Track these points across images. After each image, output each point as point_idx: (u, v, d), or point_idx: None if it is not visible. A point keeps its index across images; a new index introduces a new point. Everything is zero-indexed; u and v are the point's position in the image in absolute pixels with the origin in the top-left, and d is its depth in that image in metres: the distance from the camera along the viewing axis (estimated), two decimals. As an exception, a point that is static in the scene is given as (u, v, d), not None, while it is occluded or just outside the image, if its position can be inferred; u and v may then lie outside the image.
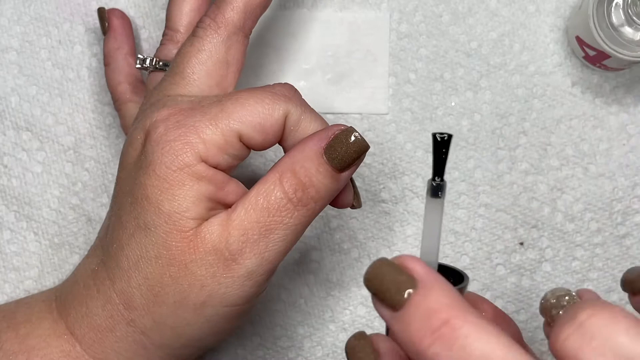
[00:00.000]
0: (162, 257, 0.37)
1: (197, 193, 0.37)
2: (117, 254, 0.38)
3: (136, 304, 0.38)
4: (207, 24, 0.40)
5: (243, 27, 0.40)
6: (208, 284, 0.37)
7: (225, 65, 0.40)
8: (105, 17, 0.49)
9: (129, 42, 0.49)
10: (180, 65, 0.40)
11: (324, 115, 0.51)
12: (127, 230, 0.38)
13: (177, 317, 0.38)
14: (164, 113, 0.38)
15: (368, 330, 0.50)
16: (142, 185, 0.37)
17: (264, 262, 0.37)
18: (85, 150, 0.51)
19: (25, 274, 0.50)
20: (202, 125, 0.37)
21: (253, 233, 0.37)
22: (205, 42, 0.40)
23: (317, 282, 0.50)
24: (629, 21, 0.46)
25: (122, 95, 0.47)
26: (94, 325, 0.39)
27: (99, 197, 0.51)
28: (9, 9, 0.51)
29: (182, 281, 0.37)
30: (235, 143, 0.37)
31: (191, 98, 0.39)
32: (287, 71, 0.51)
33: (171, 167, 0.36)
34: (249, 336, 0.50)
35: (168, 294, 0.37)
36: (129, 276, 0.38)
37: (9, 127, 0.51)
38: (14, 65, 0.51)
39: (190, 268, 0.37)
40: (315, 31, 0.51)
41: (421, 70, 0.51)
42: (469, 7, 0.51)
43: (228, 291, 0.37)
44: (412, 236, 0.50)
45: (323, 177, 0.37)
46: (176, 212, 0.36)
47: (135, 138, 0.39)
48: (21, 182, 0.51)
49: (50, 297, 0.42)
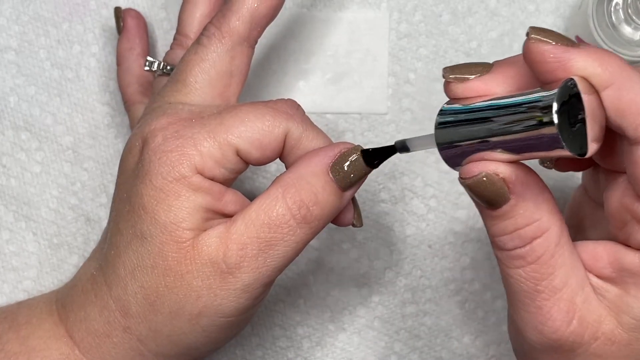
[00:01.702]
0: (158, 266, 0.37)
1: (194, 204, 0.36)
2: (114, 260, 0.38)
3: (132, 312, 0.38)
4: (211, 32, 0.39)
5: (248, 37, 0.40)
6: (204, 295, 0.37)
7: (228, 76, 0.39)
8: (120, 17, 0.49)
9: (141, 44, 0.49)
10: (183, 73, 0.39)
11: (323, 115, 0.51)
12: (124, 237, 0.38)
13: (173, 327, 0.38)
14: (163, 122, 0.37)
15: (368, 331, 0.50)
16: (139, 194, 0.37)
17: (261, 277, 0.37)
18: (84, 150, 0.51)
19: (24, 274, 0.50)
20: (200, 137, 0.36)
21: (252, 248, 0.36)
22: (209, 51, 0.39)
23: (317, 282, 0.50)
24: (628, 21, 0.46)
25: (131, 97, 0.47)
26: (91, 330, 0.39)
27: (97, 197, 0.50)
28: (7, 8, 0.51)
29: (178, 291, 0.37)
30: (232, 157, 0.37)
31: (192, 107, 0.38)
32: (287, 71, 0.51)
33: (167, 177, 0.36)
34: (247, 336, 0.50)
35: (164, 303, 0.37)
36: (125, 283, 0.38)
37: (7, 127, 0.51)
38: (13, 65, 0.51)
39: (186, 279, 0.36)
40: (315, 31, 0.51)
41: (421, 70, 0.51)
42: (468, 7, 0.51)
43: (224, 303, 0.37)
44: (411, 236, 0.50)
45: (328, 195, 0.37)
46: (172, 223, 0.36)
47: (133, 144, 0.38)
48: (20, 182, 0.50)
49: (52, 299, 0.42)
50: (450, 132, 0.32)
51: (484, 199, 0.32)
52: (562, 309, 0.32)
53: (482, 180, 0.31)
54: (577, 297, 0.32)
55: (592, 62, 0.29)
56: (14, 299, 0.50)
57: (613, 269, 0.33)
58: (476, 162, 0.31)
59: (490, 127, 0.30)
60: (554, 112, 0.28)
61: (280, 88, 0.51)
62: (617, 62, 0.30)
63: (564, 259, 0.32)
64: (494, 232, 0.32)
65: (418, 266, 0.50)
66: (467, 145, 0.31)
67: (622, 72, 0.30)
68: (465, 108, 0.32)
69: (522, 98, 0.30)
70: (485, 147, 0.31)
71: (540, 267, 0.32)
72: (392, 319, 0.50)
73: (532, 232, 0.32)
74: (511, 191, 0.31)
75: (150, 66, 0.46)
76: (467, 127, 0.31)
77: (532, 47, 0.30)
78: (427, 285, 0.50)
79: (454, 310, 0.50)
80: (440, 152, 0.33)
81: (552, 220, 0.32)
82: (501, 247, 0.33)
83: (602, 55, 0.30)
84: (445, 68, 0.33)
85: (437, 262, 0.50)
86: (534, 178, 0.32)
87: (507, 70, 0.32)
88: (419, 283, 0.50)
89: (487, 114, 0.31)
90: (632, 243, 0.32)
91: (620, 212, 0.32)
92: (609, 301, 0.33)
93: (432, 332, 0.50)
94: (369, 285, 0.50)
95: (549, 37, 0.30)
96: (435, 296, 0.50)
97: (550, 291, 0.32)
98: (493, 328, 0.49)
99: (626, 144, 0.30)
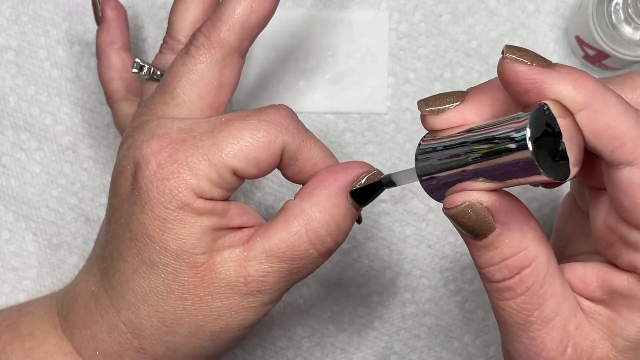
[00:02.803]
0: (174, 291, 0.36)
1: (200, 228, 0.36)
2: (120, 286, 0.38)
3: (146, 334, 0.37)
4: (200, 42, 0.38)
5: (239, 47, 0.38)
6: (224, 314, 0.37)
7: (217, 87, 0.38)
8: (98, 7, 0.47)
9: (122, 36, 0.47)
10: (170, 84, 0.38)
11: (323, 115, 0.50)
12: (130, 264, 0.37)
13: (193, 345, 0.38)
14: (154, 146, 0.36)
15: (368, 331, 0.50)
16: (141, 223, 0.36)
17: (281, 294, 0.38)
18: (83, 150, 0.51)
19: (24, 274, 0.50)
20: (194, 160, 0.35)
21: (274, 276, 0.36)
22: (198, 62, 0.37)
23: (316, 282, 0.50)
24: (628, 21, 0.46)
25: (114, 93, 0.46)
26: (101, 349, 0.39)
27: (97, 197, 0.50)
28: (7, 8, 0.51)
29: (197, 313, 0.37)
30: (229, 178, 0.36)
31: (181, 124, 0.37)
32: (287, 71, 0.51)
33: (169, 207, 0.35)
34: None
35: (182, 325, 0.37)
36: (137, 308, 0.37)
37: (7, 126, 0.51)
38: (13, 65, 0.51)
39: (205, 301, 0.36)
40: (315, 31, 0.51)
41: (420, 69, 0.51)
42: (468, 7, 0.51)
43: (246, 318, 0.37)
44: (411, 236, 0.50)
45: (350, 222, 0.37)
46: (184, 251, 0.36)
47: (125, 167, 0.37)
48: (20, 182, 0.50)
49: (52, 309, 0.42)
50: (431, 164, 0.32)
51: (469, 229, 0.31)
52: (555, 338, 0.32)
53: (466, 210, 0.31)
54: (569, 325, 0.32)
55: (566, 85, 0.29)
56: (13, 299, 0.50)
57: (603, 291, 0.32)
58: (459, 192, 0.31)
59: (469, 157, 0.30)
60: (527, 139, 0.28)
61: (280, 88, 0.51)
62: (592, 84, 0.29)
63: (554, 288, 0.32)
64: (481, 263, 0.32)
65: (418, 266, 0.50)
66: (449, 176, 0.31)
67: (597, 94, 0.29)
68: (443, 139, 0.32)
69: (498, 127, 0.30)
70: (466, 177, 0.31)
71: (531, 298, 0.31)
72: (392, 319, 0.50)
73: (519, 262, 0.31)
74: (496, 220, 0.31)
75: (140, 70, 0.43)
76: (446, 158, 0.31)
77: (507, 68, 0.29)
78: (427, 285, 0.50)
79: (454, 310, 0.50)
80: (422, 184, 0.33)
81: (539, 248, 0.31)
82: (489, 279, 0.32)
83: (576, 76, 0.29)
84: (420, 101, 0.33)
85: (437, 262, 0.50)
86: (519, 206, 0.31)
87: (482, 99, 0.32)
88: (419, 283, 0.50)
89: (465, 144, 0.31)
90: (619, 264, 0.32)
91: (605, 233, 0.32)
92: (601, 324, 0.32)
93: (432, 332, 0.50)
94: (368, 285, 0.50)
95: (524, 56, 0.29)
96: (435, 296, 0.50)
97: (543, 321, 0.32)
98: (493, 328, 0.49)
99: (604, 166, 0.30)
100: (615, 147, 0.29)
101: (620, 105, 0.29)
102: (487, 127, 0.30)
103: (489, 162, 0.29)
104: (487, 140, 0.30)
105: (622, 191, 0.29)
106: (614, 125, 0.29)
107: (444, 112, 0.32)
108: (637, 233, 0.30)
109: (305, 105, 0.51)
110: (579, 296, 0.33)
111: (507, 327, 0.33)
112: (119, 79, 0.46)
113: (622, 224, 0.30)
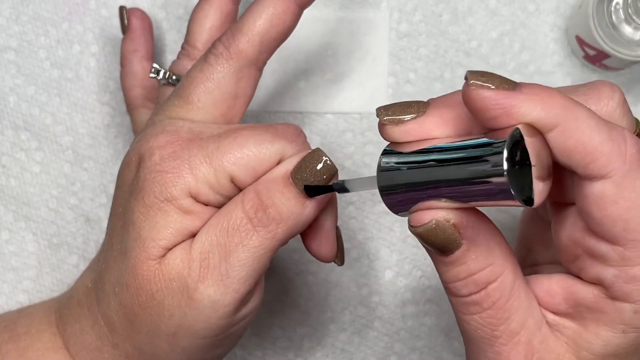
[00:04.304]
0: (131, 285, 0.36)
1: (180, 226, 0.35)
2: (103, 275, 0.38)
3: (117, 329, 0.37)
4: (219, 51, 0.38)
5: (257, 60, 0.38)
6: (175, 314, 0.36)
7: (233, 97, 0.38)
8: (125, 17, 0.48)
9: (146, 45, 0.48)
10: (186, 89, 0.38)
11: (323, 115, 0.50)
12: (113, 252, 0.37)
13: (154, 346, 0.37)
14: (161, 140, 0.36)
15: (368, 331, 0.50)
16: (131, 210, 0.36)
17: (228, 291, 0.35)
18: (83, 150, 0.51)
19: (24, 274, 0.50)
20: (196, 160, 0.35)
21: (214, 256, 0.35)
22: (215, 71, 0.38)
23: (317, 282, 0.50)
24: (628, 21, 0.46)
25: (134, 100, 0.47)
26: (85, 344, 0.39)
27: (97, 197, 0.50)
28: (7, 8, 0.51)
29: (152, 311, 0.36)
30: (227, 184, 0.36)
31: (192, 125, 0.37)
32: (287, 71, 0.51)
33: (159, 197, 0.35)
34: (247, 336, 0.50)
35: (141, 323, 0.37)
36: (109, 300, 0.37)
37: (7, 126, 0.51)
38: (12, 65, 0.51)
39: (156, 297, 0.36)
40: (315, 31, 0.51)
41: (421, 69, 0.51)
42: (468, 7, 0.51)
43: (195, 324, 0.36)
44: (411, 236, 0.50)
45: (287, 200, 0.35)
46: (151, 239, 0.35)
47: (130, 159, 0.38)
48: (19, 182, 0.50)
49: (51, 308, 0.42)
50: (395, 180, 0.31)
51: (435, 246, 0.31)
52: (520, 353, 0.32)
53: (433, 228, 0.30)
54: (534, 339, 0.32)
55: (535, 106, 0.28)
56: (13, 299, 0.50)
57: (568, 304, 0.32)
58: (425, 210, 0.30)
59: (436, 177, 0.30)
60: (505, 168, 0.27)
61: (280, 88, 0.51)
62: (560, 102, 0.29)
63: (519, 302, 0.31)
64: (447, 278, 0.32)
65: (418, 266, 0.50)
66: (412, 193, 0.30)
67: (566, 112, 0.28)
68: (408, 154, 0.31)
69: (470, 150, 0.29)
70: (432, 196, 0.30)
71: (497, 312, 0.31)
72: (392, 319, 0.50)
73: (486, 277, 0.31)
74: (462, 236, 0.30)
75: (157, 74, 0.44)
76: (411, 174, 0.30)
77: (473, 95, 0.28)
78: (427, 285, 0.50)
79: (454, 310, 0.50)
80: (384, 199, 0.32)
81: (506, 263, 0.31)
82: (455, 293, 0.32)
83: (543, 96, 0.29)
84: (379, 108, 0.32)
85: (437, 262, 0.50)
86: (485, 222, 0.31)
87: (444, 113, 0.31)
88: (419, 283, 0.50)
89: (432, 163, 0.30)
90: (585, 276, 0.31)
91: (569, 246, 0.32)
92: (567, 337, 0.32)
93: (432, 332, 0.50)
94: (369, 285, 0.50)
95: (489, 81, 0.29)
96: (435, 296, 0.50)
97: (508, 336, 0.31)
98: (493, 328, 0.49)
99: (576, 178, 0.30)
100: (589, 163, 0.29)
101: (591, 120, 0.29)
102: (457, 148, 0.29)
103: (460, 186, 0.29)
104: (459, 161, 0.29)
105: (593, 204, 0.29)
106: (586, 142, 0.28)
107: (404, 123, 0.31)
108: (604, 245, 0.30)
109: (305, 105, 0.50)
110: (544, 309, 0.32)
111: (473, 341, 0.32)
112: (140, 86, 0.47)
113: (590, 236, 0.30)
